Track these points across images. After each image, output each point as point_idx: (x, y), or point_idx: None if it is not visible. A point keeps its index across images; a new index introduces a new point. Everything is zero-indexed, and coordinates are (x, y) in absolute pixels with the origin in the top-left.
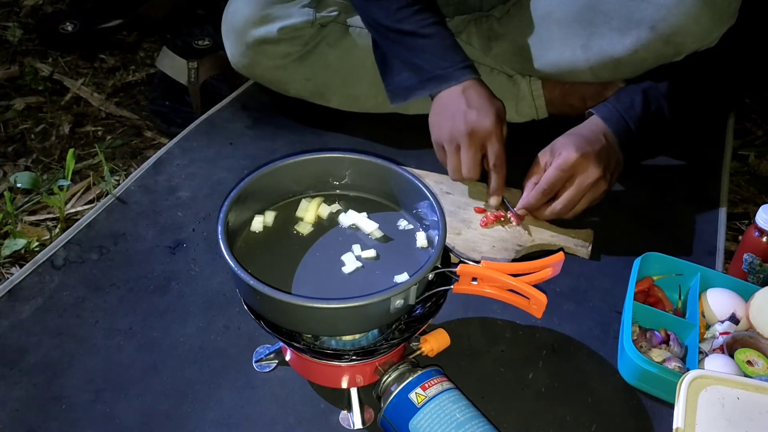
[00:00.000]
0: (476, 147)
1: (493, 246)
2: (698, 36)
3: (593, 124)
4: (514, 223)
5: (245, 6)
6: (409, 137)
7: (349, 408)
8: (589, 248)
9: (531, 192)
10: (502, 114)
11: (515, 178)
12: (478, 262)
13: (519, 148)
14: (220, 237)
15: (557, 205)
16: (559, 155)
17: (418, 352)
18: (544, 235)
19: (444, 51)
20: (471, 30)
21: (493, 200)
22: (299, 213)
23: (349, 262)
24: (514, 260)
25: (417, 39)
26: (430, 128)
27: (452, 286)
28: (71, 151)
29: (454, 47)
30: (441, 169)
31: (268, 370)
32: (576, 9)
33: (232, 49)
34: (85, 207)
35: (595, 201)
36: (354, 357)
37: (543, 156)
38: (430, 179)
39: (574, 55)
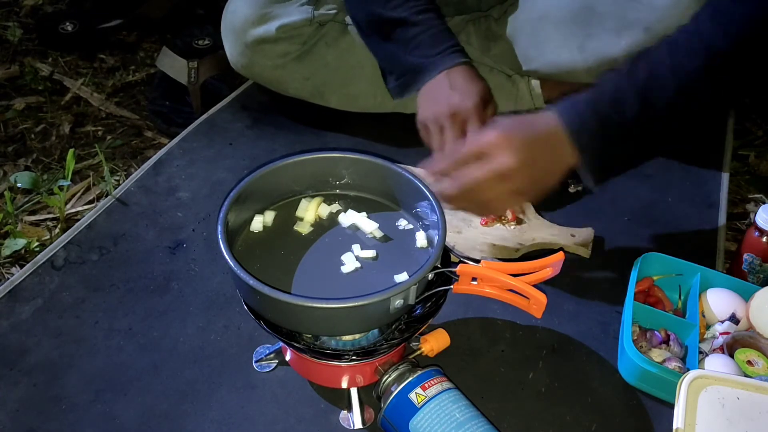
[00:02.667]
0: (458, 128)
1: (493, 245)
2: None
3: (546, 113)
4: (511, 219)
5: (244, 5)
6: (409, 137)
7: (349, 408)
8: (590, 248)
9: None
10: (485, 95)
11: None
12: (478, 261)
13: None
14: (220, 237)
15: (445, 182)
16: (481, 131)
17: (418, 352)
18: (544, 235)
19: (433, 38)
20: (470, 30)
21: None
22: (299, 213)
23: (349, 262)
24: (514, 260)
25: (408, 28)
26: (417, 110)
27: (452, 286)
28: (71, 151)
29: (444, 33)
30: None
31: (268, 370)
32: (572, 10)
33: (231, 48)
34: (85, 207)
35: (499, 198)
36: (354, 357)
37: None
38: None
39: (571, 56)
